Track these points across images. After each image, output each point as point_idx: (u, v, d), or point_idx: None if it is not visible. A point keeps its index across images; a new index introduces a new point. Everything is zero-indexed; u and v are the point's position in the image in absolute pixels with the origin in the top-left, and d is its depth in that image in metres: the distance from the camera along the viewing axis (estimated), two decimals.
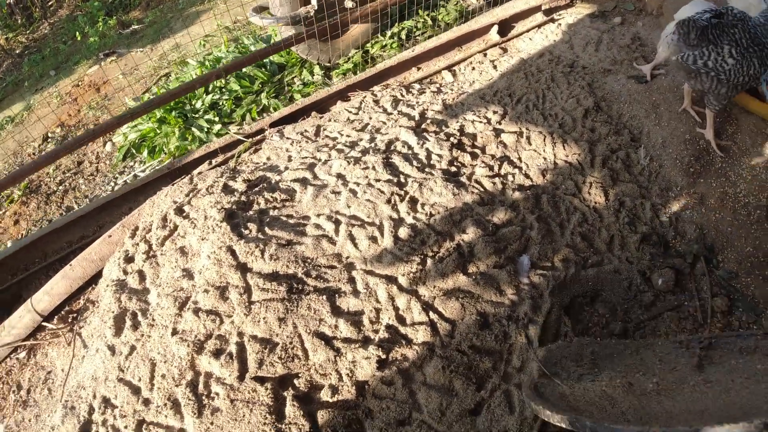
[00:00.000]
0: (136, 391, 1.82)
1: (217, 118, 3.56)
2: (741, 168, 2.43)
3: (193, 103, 3.69)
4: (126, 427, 1.76)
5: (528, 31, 3.53)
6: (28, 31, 7.72)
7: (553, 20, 3.68)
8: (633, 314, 1.99)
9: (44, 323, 2.48)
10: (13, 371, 2.46)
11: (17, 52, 7.32)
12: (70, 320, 2.47)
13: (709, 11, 2.19)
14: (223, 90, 3.75)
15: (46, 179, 4.13)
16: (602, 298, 2.02)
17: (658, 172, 2.43)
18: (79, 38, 6.52)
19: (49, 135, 4.83)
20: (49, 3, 7.87)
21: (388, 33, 4.05)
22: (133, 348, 1.91)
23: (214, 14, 5.63)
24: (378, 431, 1.59)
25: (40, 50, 7.10)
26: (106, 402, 1.86)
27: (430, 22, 4.18)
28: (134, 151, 3.75)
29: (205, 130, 3.51)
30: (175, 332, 1.83)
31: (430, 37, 3.91)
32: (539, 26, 3.61)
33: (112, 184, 3.68)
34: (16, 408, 2.30)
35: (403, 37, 4.07)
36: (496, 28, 3.36)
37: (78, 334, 2.37)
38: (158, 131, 3.62)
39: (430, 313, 1.78)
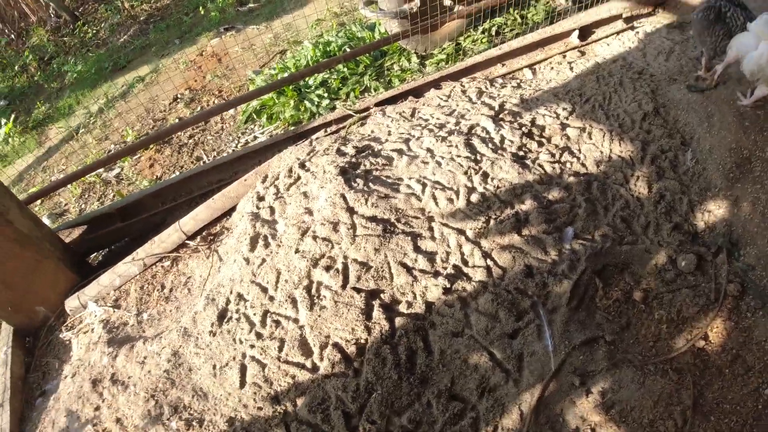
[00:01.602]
0: (264, 290, 2.51)
1: (326, 94, 4.22)
2: None
3: (307, 79, 4.37)
4: (255, 314, 2.45)
5: (607, 36, 3.90)
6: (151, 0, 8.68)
7: (632, 28, 4.01)
8: (654, 286, 2.43)
9: (188, 241, 3.18)
10: (158, 275, 3.15)
11: (142, 18, 8.31)
12: (209, 240, 3.20)
13: None
14: (332, 70, 4.39)
15: (178, 133, 4.97)
16: (630, 270, 2.47)
17: (701, 173, 2.80)
18: (201, 12, 7.37)
19: (179, 96, 5.70)
20: None
21: (480, 28, 4.53)
22: (263, 260, 2.60)
23: None
24: (437, 337, 2.18)
25: (163, 19, 8.04)
26: (240, 297, 2.55)
27: (519, 20, 4.61)
28: (255, 116, 4.49)
29: (316, 103, 4.18)
30: (297, 251, 2.50)
31: (517, 34, 4.35)
32: (618, 33, 3.96)
33: (236, 142, 4.45)
34: (159, 302, 2.98)
35: (493, 33, 4.53)
36: (577, 32, 3.76)
37: (215, 251, 3.08)
38: (276, 101, 4.34)
39: (488, 260, 2.33)
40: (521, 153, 2.77)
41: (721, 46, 2.96)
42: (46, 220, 4.38)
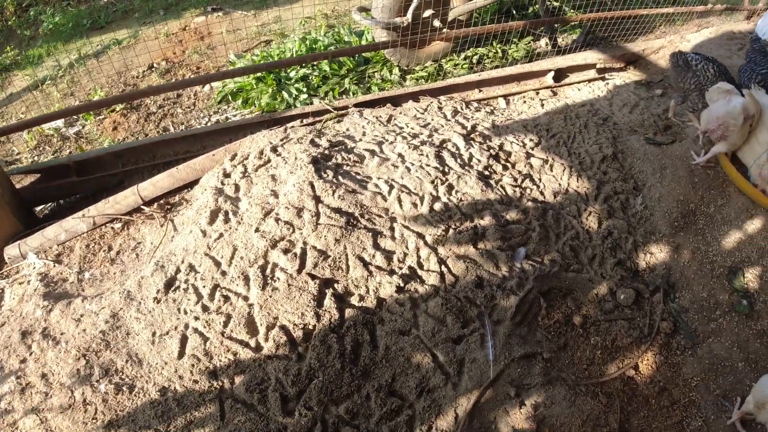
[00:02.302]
0: (217, 264, 2.49)
1: (305, 89, 4.25)
2: (718, 233, 2.93)
3: (288, 71, 4.39)
4: (204, 287, 2.43)
5: (579, 82, 4.13)
6: None
7: (603, 78, 4.28)
8: (593, 313, 2.58)
9: (143, 206, 3.10)
10: (107, 236, 3.05)
11: None
12: (165, 209, 3.13)
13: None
14: (314, 66, 4.44)
15: (147, 101, 4.86)
16: (573, 296, 2.60)
17: (648, 218, 3.00)
18: None
19: (154, 65, 5.58)
20: None
21: (462, 55, 4.70)
22: (221, 235, 2.58)
23: None
24: (384, 333, 2.23)
25: None
26: (192, 267, 2.52)
27: (500, 54, 4.81)
28: (230, 97, 4.47)
29: (293, 96, 4.20)
30: (257, 230, 2.50)
31: (496, 67, 4.54)
32: (590, 81, 4.20)
33: (206, 119, 4.40)
34: (103, 263, 2.88)
35: (474, 61, 4.71)
36: (552, 73, 3.97)
37: (171, 220, 3.02)
38: (254, 86, 4.33)
39: (442, 266, 2.41)
40: (486, 173, 2.88)
41: (691, 97, 3.21)
42: None
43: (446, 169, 2.81)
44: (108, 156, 3.37)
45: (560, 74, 4.09)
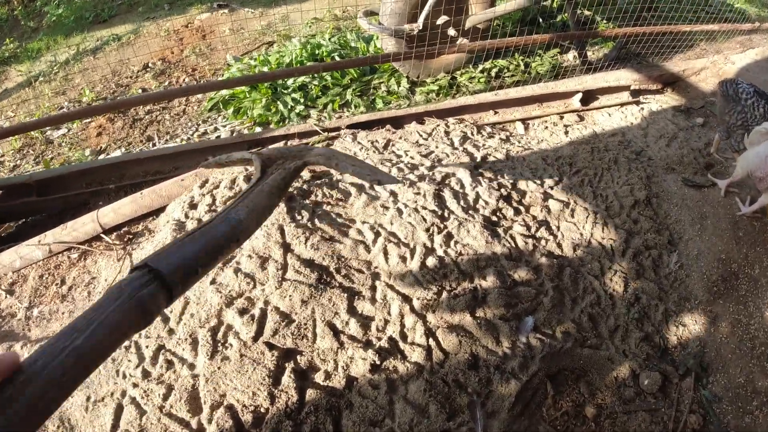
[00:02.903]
0: (165, 320, 2.10)
1: (302, 99, 3.85)
2: (762, 302, 2.49)
3: (286, 79, 3.99)
4: (147, 347, 2.05)
5: (610, 106, 3.65)
6: None
7: (638, 103, 3.78)
8: (610, 402, 2.13)
9: (102, 235, 2.80)
10: (62, 267, 2.77)
11: None
12: (125, 239, 2.80)
13: None
14: (315, 76, 4.03)
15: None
16: (587, 379, 2.16)
17: (683, 281, 2.54)
18: None
19: (149, 65, 5.26)
20: None
21: (480, 67, 4.24)
22: None
23: None
24: (352, 423, 1.81)
25: None
26: None
27: (522, 67, 4.34)
28: (221, 106, 4.09)
29: (289, 107, 3.80)
30: (213, 282, 2.10)
31: (518, 82, 4.07)
32: (622, 105, 3.72)
33: (194, 129, 4.02)
34: (54, 299, 2.60)
35: (493, 74, 4.24)
36: (579, 95, 3.50)
37: (129, 254, 2.68)
38: (248, 95, 3.94)
39: (430, 340, 1.98)
40: (494, 218, 2.44)
41: (735, 134, 2.74)
42: None
43: (446, 213, 2.38)
44: (73, 175, 3.04)
45: (589, 96, 3.61)
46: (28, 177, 3.14)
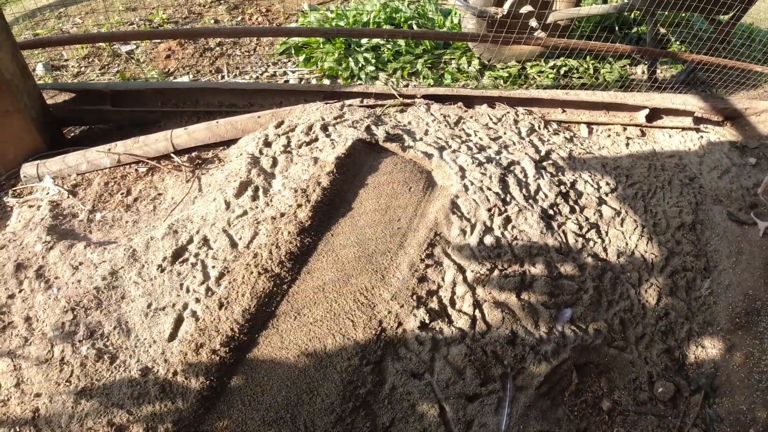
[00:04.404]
0: (233, 245, 2.26)
1: (373, 60, 3.93)
2: None
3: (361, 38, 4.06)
4: (213, 267, 2.21)
5: (672, 128, 3.70)
6: None
7: (698, 130, 3.83)
8: (625, 401, 2.29)
9: (173, 155, 2.88)
10: (128, 178, 2.84)
11: None
12: (196, 164, 2.91)
13: None
14: (390, 40, 4.10)
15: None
16: (609, 376, 2.32)
17: (710, 306, 2.66)
18: None
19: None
20: None
21: (551, 62, 4.28)
22: (245, 213, 2.35)
23: None
24: (395, 371, 1.98)
25: None
26: (206, 241, 2.30)
27: (591, 71, 4.38)
28: (293, 51, 4.17)
29: (360, 65, 3.89)
30: (282, 216, 2.25)
31: (583, 84, 4.13)
32: (683, 129, 3.77)
33: (263, 69, 4.12)
34: (118, 207, 2.68)
35: (561, 72, 4.29)
36: (646, 111, 3.56)
37: (198, 178, 2.80)
38: (321, 46, 4.02)
39: (476, 311, 2.14)
40: (551, 212, 2.56)
41: None
42: (39, 68, 4.02)
43: (508, 198, 2.50)
44: (149, 92, 3.15)
45: (654, 113, 3.67)
46: (104, 86, 3.20)
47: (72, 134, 3.39)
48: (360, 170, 2.46)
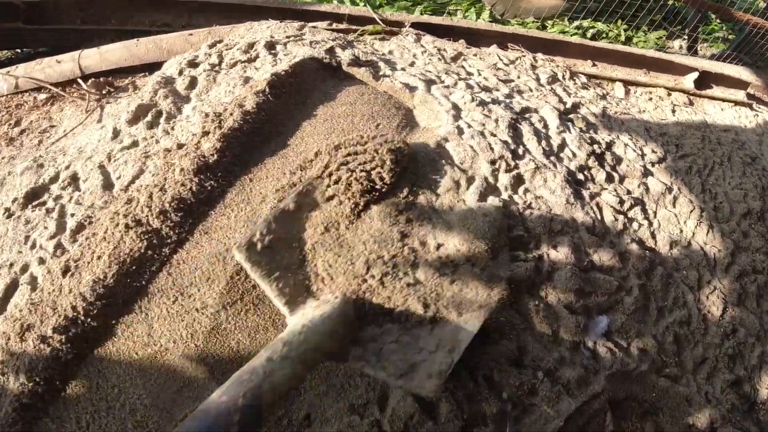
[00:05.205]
0: (108, 186, 1.52)
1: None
2: None
3: None
4: (73, 215, 1.47)
5: (724, 100, 2.95)
6: None
7: (751, 107, 3.09)
8: None
9: (80, 80, 2.24)
10: (24, 107, 2.28)
11: None
12: (104, 91, 2.21)
13: None
14: None
15: None
16: (656, 419, 1.55)
17: None
18: None
19: None
20: None
21: (576, 23, 3.54)
22: (134, 144, 1.60)
23: None
24: (325, 403, 1.22)
25: None
26: (74, 179, 1.58)
27: (623, 38, 3.64)
28: None
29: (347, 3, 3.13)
30: (180, 148, 1.49)
31: None
32: (736, 104, 3.02)
33: None
34: (1, 139, 2.11)
35: (588, 36, 3.55)
36: (695, 75, 2.81)
37: (102, 108, 2.10)
38: None
39: None
40: (580, 176, 1.80)
41: None
42: None
43: (520, 150, 1.73)
44: (68, 4, 2.42)
45: (703, 81, 2.92)
46: None
47: None
48: (309, 97, 1.69)
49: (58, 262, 1.34)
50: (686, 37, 3.85)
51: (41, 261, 1.40)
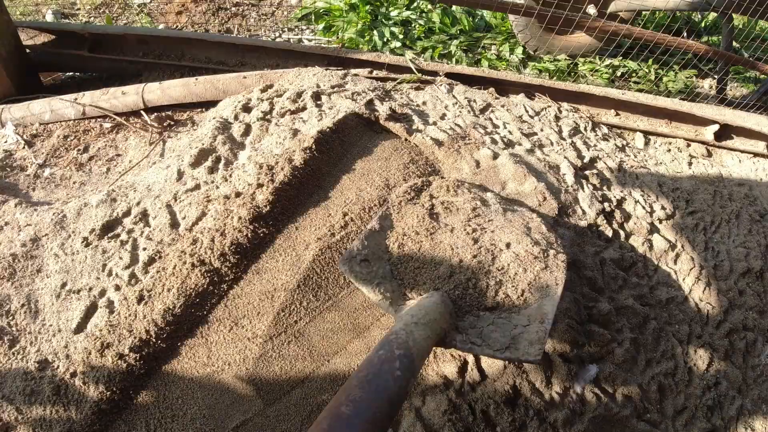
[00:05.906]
0: (174, 225, 1.79)
1: (401, 36, 3.40)
2: None
3: (390, 9, 3.53)
4: (145, 249, 1.75)
5: (743, 152, 3.07)
6: None
7: None
8: None
9: (143, 112, 2.51)
10: (90, 133, 2.52)
11: None
12: (165, 125, 2.48)
13: None
14: (423, 15, 3.56)
15: None
16: None
17: None
18: None
19: None
20: None
21: (607, 61, 3.68)
22: (197, 186, 1.87)
23: None
24: None
25: None
26: (144, 215, 1.85)
27: (653, 77, 3.77)
28: (313, 17, 3.67)
29: (385, 39, 3.37)
30: (237, 196, 1.76)
31: (641, 92, 3.51)
32: (755, 155, 3.14)
33: (278, 33, 3.65)
34: (70, 164, 2.37)
35: (618, 74, 3.69)
36: (716, 127, 2.94)
37: (163, 141, 2.38)
38: (344, 15, 3.51)
39: (470, 354, 1.61)
40: (587, 234, 2.00)
41: None
42: (49, 15, 3.70)
43: None
44: (130, 37, 2.75)
45: (724, 132, 3.05)
46: (81, 27, 2.86)
47: (52, 81, 3.08)
48: (349, 151, 1.94)
49: (132, 291, 1.63)
50: (716, 76, 3.95)
51: (117, 288, 1.68)
